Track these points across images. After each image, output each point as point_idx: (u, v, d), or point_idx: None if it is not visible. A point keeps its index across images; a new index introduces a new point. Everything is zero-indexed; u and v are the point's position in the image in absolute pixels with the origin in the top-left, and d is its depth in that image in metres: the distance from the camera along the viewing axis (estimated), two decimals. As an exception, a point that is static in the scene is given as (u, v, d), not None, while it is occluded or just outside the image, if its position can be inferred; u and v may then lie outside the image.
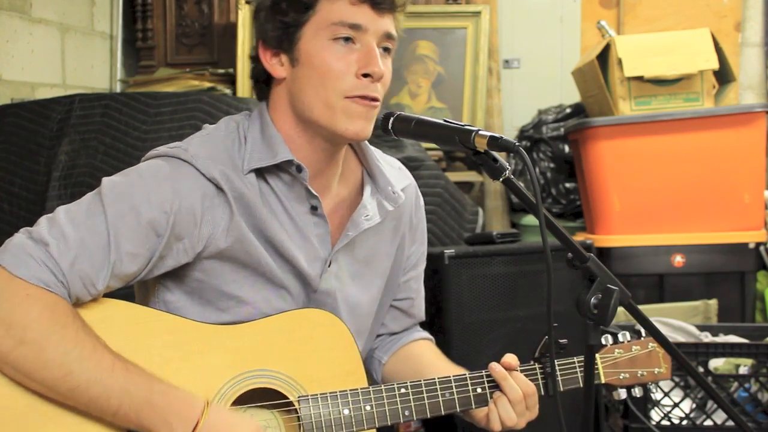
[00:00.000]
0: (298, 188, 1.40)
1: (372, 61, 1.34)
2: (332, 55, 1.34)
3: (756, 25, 3.93)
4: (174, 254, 1.32)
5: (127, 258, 1.26)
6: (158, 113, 2.80)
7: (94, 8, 3.59)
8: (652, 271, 3.01)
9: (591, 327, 1.20)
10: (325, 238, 1.44)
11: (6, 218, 2.71)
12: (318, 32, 1.35)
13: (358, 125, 1.36)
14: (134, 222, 1.26)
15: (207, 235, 1.33)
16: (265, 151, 1.38)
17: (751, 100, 3.91)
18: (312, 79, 1.35)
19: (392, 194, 1.50)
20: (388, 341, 1.65)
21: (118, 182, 1.31)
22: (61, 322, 1.19)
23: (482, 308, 2.27)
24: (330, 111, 1.35)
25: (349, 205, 1.49)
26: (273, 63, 1.40)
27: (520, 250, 2.35)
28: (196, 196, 1.31)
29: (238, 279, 1.38)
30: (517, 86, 3.98)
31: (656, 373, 1.58)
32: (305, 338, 1.38)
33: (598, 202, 3.09)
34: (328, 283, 1.45)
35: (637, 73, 3.08)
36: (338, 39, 1.34)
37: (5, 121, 2.82)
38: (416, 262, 1.65)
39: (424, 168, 3.00)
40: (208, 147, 1.36)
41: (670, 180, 3.01)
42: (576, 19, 3.98)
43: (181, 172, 1.32)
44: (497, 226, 3.66)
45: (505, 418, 1.42)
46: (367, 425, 1.36)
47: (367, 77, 1.34)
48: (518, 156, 1.17)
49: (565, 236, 1.22)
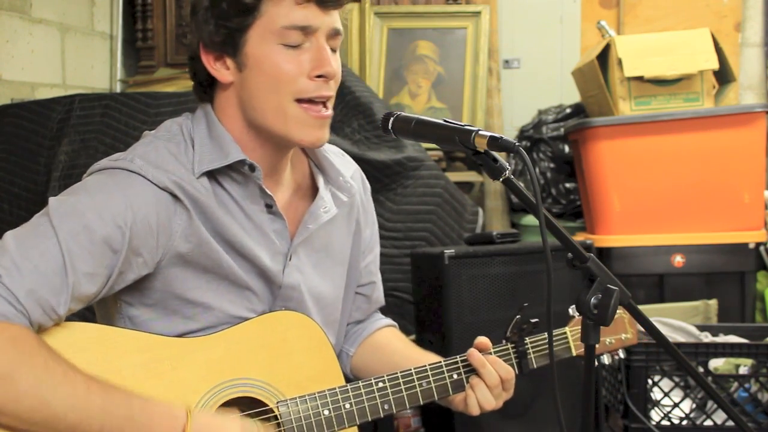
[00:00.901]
0: (252, 187, 1.38)
1: (324, 61, 1.32)
2: (282, 58, 1.30)
3: (756, 25, 3.93)
4: (134, 268, 1.28)
5: (85, 279, 1.21)
6: (158, 113, 2.80)
7: (94, 8, 3.59)
8: (652, 271, 3.01)
9: (591, 327, 1.20)
10: (283, 233, 1.42)
11: (6, 218, 2.71)
12: (265, 36, 1.31)
13: (315, 135, 1.34)
14: (88, 241, 1.21)
15: (164, 244, 1.30)
16: (216, 152, 1.34)
17: (751, 100, 3.91)
18: (263, 84, 1.32)
19: (344, 184, 1.49)
20: (353, 332, 1.65)
21: (66, 201, 1.25)
22: (27, 352, 1.13)
23: (482, 308, 2.27)
24: (283, 118, 1.32)
25: (302, 195, 1.48)
26: (217, 67, 1.35)
27: (520, 250, 2.35)
28: (150, 206, 1.27)
29: (201, 285, 1.35)
30: (517, 86, 3.98)
31: (623, 339, 1.63)
32: (278, 342, 1.36)
33: (598, 202, 3.09)
34: (292, 277, 1.43)
35: (637, 73, 3.08)
36: (287, 45, 1.31)
37: (5, 121, 2.82)
38: (372, 245, 1.64)
39: (424, 168, 3.00)
40: (153, 155, 1.32)
41: (670, 180, 3.01)
42: (576, 19, 3.98)
43: (130, 183, 1.27)
44: (497, 226, 3.66)
45: (483, 402, 1.45)
46: (348, 423, 1.36)
47: (321, 78, 1.32)
48: (518, 156, 1.17)
49: (565, 236, 1.22)
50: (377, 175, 2.88)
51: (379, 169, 2.90)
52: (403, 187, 2.97)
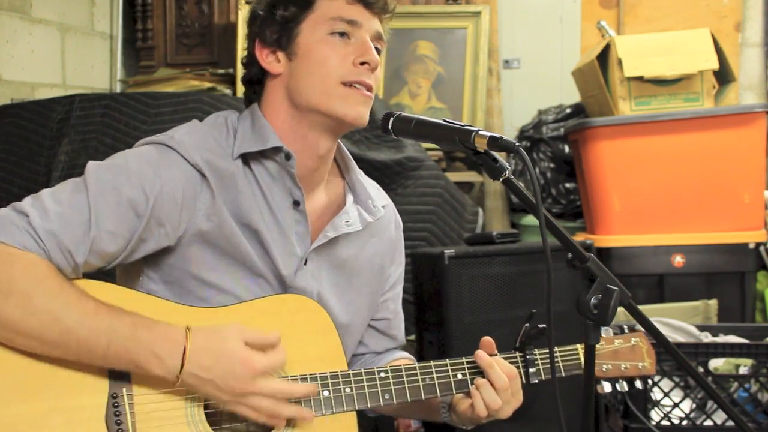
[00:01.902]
0: (283, 180, 1.43)
1: (368, 51, 1.42)
2: (330, 46, 1.41)
3: (756, 25, 3.93)
4: (155, 237, 1.34)
5: (107, 236, 1.28)
6: (158, 113, 2.80)
7: (94, 8, 3.59)
8: (652, 271, 3.01)
9: (591, 327, 1.20)
10: (305, 237, 1.45)
11: (6, 218, 2.71)
12: (316, 27, 1.42)
13: (357, 111, 1.41)
14: (114, 200, 1.29)
15: (187, 219, 1.36)
16: (255, 139, 1.42)
17: (751, 100, 3.91)
18: (310, 68, 1.41)
19: (372, 207, 1.53)
20: (370, 361, 1.66)
21: (103, 164, 1.34)
22: (43, 274, 1.23)
23: (482, 308, 2.27)
24: (327, 97, 1.40)
25: (332, 211, 1.52)
26: (270, 60, 1.45)
27: (520, 250, 2.36)
28: (178, 181, 1.34)
29: (218, 267, 1.39)
30: (517, 86, 3.98)
31: (640, 367, 1.59)
32: (285, 322, 1.38)
33: (598, 202, 3.09)
34: (305, 281, 1.45)
35: (637, 73, 3.08)
36: (335, 33, 1.41)
37: (5, 121, 2.82)
38: (395, 282, 1.66)
39: (424, 168, 3.00)
40: (194, 135, 1.40)
41: (670, 180, 3.01)
42: (576, 19, 3.98)
43: (165, 157, 1.36)
44: (497, 226, 3.66)
45: (490, 402, 1.42)
46: (347, 407, 1.37)
47: (364, 65, 1.41)
48: (518, 156, 1.17)
49: (565, 236, 1.22)
50: (377, 175, 2.88)
51: (379, 169, 2.90)
52: (403, 187, 2.97)
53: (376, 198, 1.56)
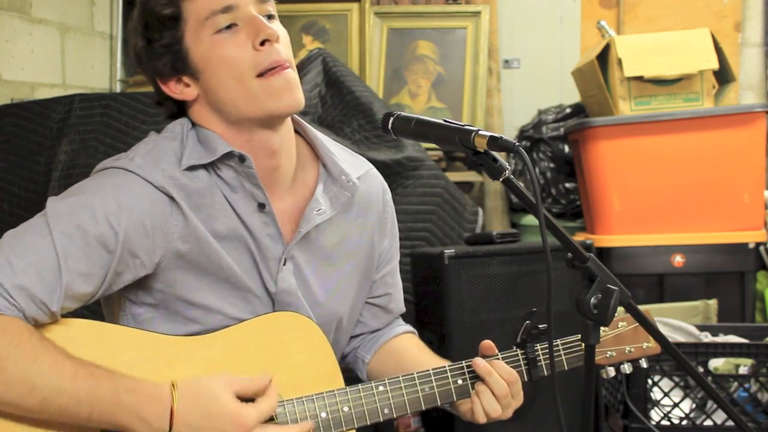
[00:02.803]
0: (243, 184, 1.36)
1: (260, 27, 1.32)
2: (223, 45, 1.32)
3: (756, 25, 3.92)
4: (131, 269, 1.29)
5: (79, 278, 1.23)
6: (158, 113, 2.79)
7: (94, 8, 3.59)
8: (652, 271, 3.01)
9: (591, 327, 1.20)
10: (277, 238, 1.40)
11: (6, 218, 2.71)
12: (198, 35, 1.33)
13: (286, 98, 1.33)
14: (81, 240, 1.23)
15: (162, 245, 1.30)
16: (204, 149, 1.35)
17: (751, 100, 3.91)
18: (220, 78, 1.33)
19: (347, 183, 1.45)
20: (369, 339, 1.63)
21: (63, 201, 1.27)
22: (15, 340, 1.16)
23: (482, 308, 2.27)
24: (252, 99, 1.32)
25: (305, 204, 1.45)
26: (180, 89, 1.37)
27: (520, 250, 2.35)
28: (144, 207, 1.28)
29: (203, 287, 1.35)
30: (517, 86, 3.98)
31: (644, 347, 1.56)
32: (277, 343, 1.35)
33: (598, 202, 3.09)
34: (286, 282, 1.41)
35: (637, 73, 3.08)
36: (220, 30, 1.32)
37: (5, 121, 2.82)
38: (390, 256, 1.61)
39: (424, 168, 3.00)
40: (153, 153, 1.33)
41: (670, 180, 3.01)
42: (576, 19, 3.98)
43: (127, 184, 1.29)
44: (497, 226, 3.65)
45: (489, 411, 1.40)
46: (346, 426, 1.34)
47: (265, 43, 1.32)
48: (518, 156, 1.17)
49: (565, 236, 1.22)
50: (377, 175, 2.88)
51: (379, 169, 2.85)
52: (403, 187, 2.97)
53: (350, 171, 1.48)
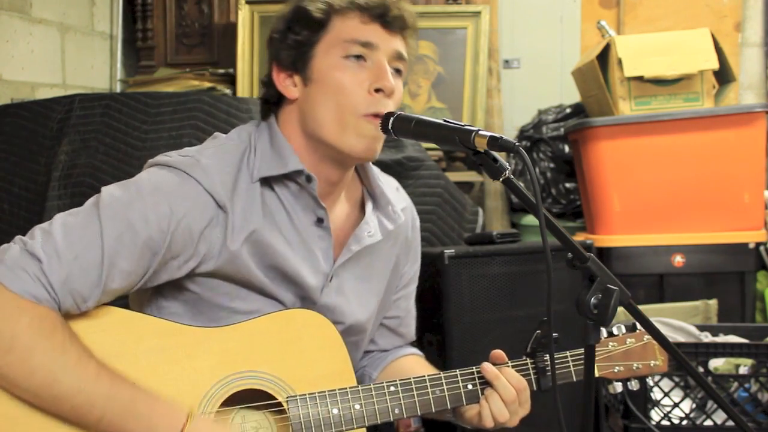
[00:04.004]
0: (305, 199, 1.40)
1: (383, 76, 1.36)
2: (344, 72, 1.36)
3: (756, 25, 3.92)
4: (168, 270, 1.32)
5: (120, 276, 1.26)
6: (158, 113, 2.79)
7: (94, 8, 3.59)
8: (652, 271, 3.01)
9: (591, 327, 1.20)
10: (329, 252, 1.44)
11: (6, 218, 2.71)
12: (330, 50, 1.37)
13: (365, 144, 1.38)
14: (130, 241, 1.26)
15: (203, 253, 1.33)
16: (275, 160, 1.38)
17: (751, 100, 3.91)
18: (325, 96, 1.37)
19: (392, 214, 1.52)
20: (377, 357, 1.65)
21: (117, 197, 1.29)
22: (48, 331, 1.20)
23: (482, 308, 2.27)
24: (341, 129, 1.36)
25: (352, 222, 1.50)
26: (286, 84, 1.41)
27: (520, 250, 2.35)
28: (195, 214, 1.31)
29: (231, 291, 1.38)
30: (517, 86, 3.98)
31: (652, 365, 1.57)
32: (293, 338, 1.37)
33: (598, 202, 3.09)
34: (329, 298, 1.45)
35: (637, 73, 3.08)
36: (350, 57, 1.36)
37: (5, 121, 2.82)
38: (408, 281, 1.66)
39: (424, 168, 3.00)
40: (219, 160, 1.36)
41: (670, 180, 3.00)
42: (576, 19, 3.98)
43: (183, 188, 1.32)
44: (497, 226, 3.65)
45: (497, 415, 1.42)
46: (356, 424, 1.36)
47: (379, 92, 1.36)
48: (518, 156, 1.17)
49: (565, 236, 1.22)
50: (377, 175, 2.88)
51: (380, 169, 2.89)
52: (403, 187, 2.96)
53: (395, 202, 1.54)
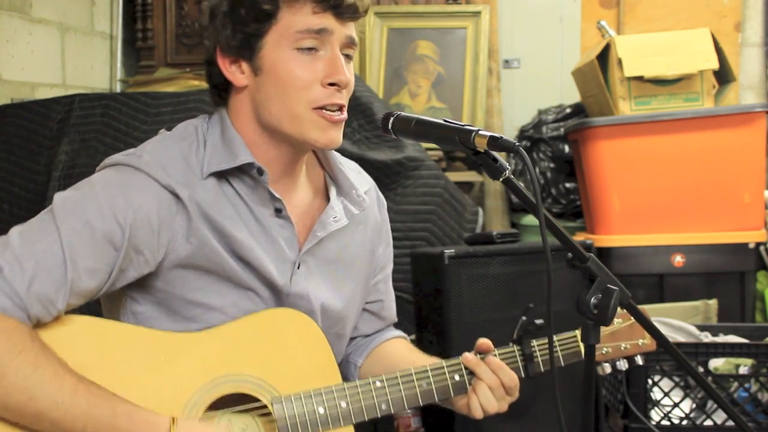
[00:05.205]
0: (261, 191, 1.38)
1: (337, 70, 1.34)
2: (297, 64, 1.32)
3: (756, 25, 3.92)
4: (135, 266, 1.30)
5: (85, 274, 1.23)
6: (158, 113, 2.80)
7: (94, 8, 3.59)
8: (652, 271, 3.01)
9: (591, 327, 1.20)
10: (292, 240, 1.41)
11: (6, 218, 2.71)
12: (281, 41, 1.33)
13: (330, 136, 1.36)
14: (89, 237, 1.23)
15: (166, 243, 1.31)
16: (225, 154, 1.35)
17: (751, 100, 3.91)
18: (277, 89, 1.33)
19: (357, 197, 1.49)
20: (361, 344, 1.64)
21: (70, 197, 1.27)
22: (19, 347, 1.16)
23: (482, 308, 2.27)
24: (298, 122, 1.34)
25: (317, 207, 1.48)
26: (233, 70, 1.37)
27: (520, 250, 2.35)
28: (151, 205, 1.28)
29: (203, 286, 1.35)
30: (517, 86, 3.98)
31: (640, 344, 1.57)
32: (274, 338, 1.36)
33: (598, 202, 3.09)
34: (299, 285, 1.42)
35: (637, 73, 3.08)
36: (302, 49, 1.33)
37: (5, 121, 2.82)
38: (384, 263, 1.63)
39: (424, 168, 3.00)
40: (163, 153, 1.33)
41: (670, 180, 3.01)
42: (576, 19, 3.98)
43: (134, 181, 1.29)
44: (497, 226, 3.65)
45: (485, 405, 1.41)
46: (343, 422, 1.34)
47: (333, 86, 1.34)
48: (518, 156, 1.17)
49: (565, 236, 1.22)
50: (377, 175, 2.88)
51: (379, 169, 2.90)
52: (403, 187, 2.97)
53: (358, 185, 1.51)
